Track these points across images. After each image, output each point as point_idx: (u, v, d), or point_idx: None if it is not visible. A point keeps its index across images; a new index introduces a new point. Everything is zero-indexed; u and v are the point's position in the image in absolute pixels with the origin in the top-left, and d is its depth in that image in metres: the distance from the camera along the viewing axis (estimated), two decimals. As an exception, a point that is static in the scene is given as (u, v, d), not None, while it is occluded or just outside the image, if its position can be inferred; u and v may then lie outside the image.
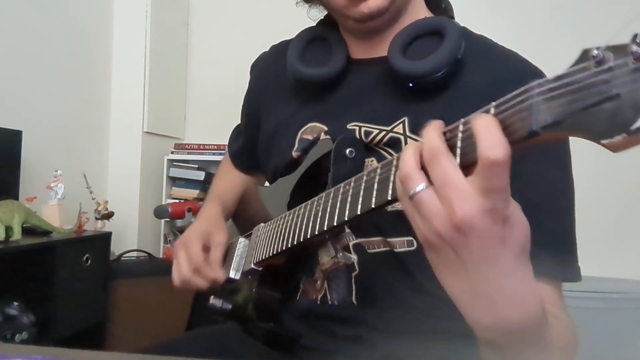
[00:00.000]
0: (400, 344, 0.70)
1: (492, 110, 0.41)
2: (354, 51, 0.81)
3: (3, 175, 1.97)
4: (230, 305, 0.83)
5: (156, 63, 2.78)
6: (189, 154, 2.87)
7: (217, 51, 3.04)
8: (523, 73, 0.71)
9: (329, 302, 0.75)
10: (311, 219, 0.63)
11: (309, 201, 0.65)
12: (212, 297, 0.85)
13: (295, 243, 0.66)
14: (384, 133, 0.73)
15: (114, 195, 2.62)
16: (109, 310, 2.23)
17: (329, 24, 0.84)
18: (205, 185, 2.74)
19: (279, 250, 0.70)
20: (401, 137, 0.71)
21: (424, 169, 0.43)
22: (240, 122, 1.02)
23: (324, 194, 0.62)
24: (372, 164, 0.72)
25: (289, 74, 0.82)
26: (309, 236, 0.63)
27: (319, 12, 0.86)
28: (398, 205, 0.47)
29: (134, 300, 2.28)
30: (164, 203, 2.74)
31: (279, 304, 0.79)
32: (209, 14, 3.09)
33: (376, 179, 0.52)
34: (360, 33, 0.79)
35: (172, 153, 2.90)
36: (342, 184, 0.58)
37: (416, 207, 0.43)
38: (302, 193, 0.71)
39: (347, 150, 0.70)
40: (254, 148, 0.93)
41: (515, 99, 0.40)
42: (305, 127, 0.80)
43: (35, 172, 2.14)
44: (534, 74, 0.71)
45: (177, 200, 2.71)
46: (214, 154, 2.80)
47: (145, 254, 2.53)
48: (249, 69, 0.97)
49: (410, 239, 0.70)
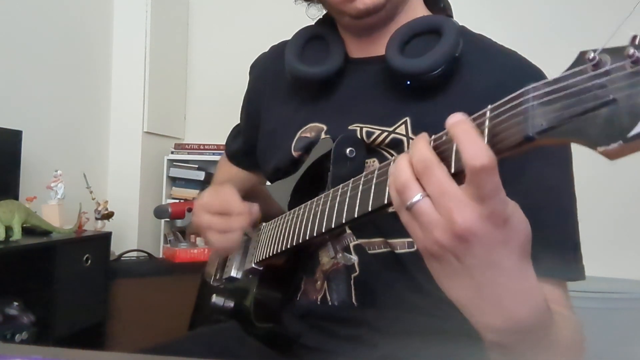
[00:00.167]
0: (400, 344, 0.70)
1: (488, 113, 0.41)
2: (352, 50, 0.81)
3: (3, 175, 1.96)
4: (232, 304, 0.83)
5: (156, 63, 2.78)
6: (189, 154, 2.87)
7: (217, 51, 3.04)
8: (525, 74, 0.70)
9: (329, 303, 0.75)
10: (310, 219, 0.63)
11: (309, 202, 0.65)
12: (215, 296, 0.85)
13: (294, 244, 0.66)
14: (386, 134, 0.72)
15: (114, 195, 2.62)
16: (109, 310, 2.23)
17: (328, 23, 0.84)
18: (205, 185, 2.73)
19: (279, 251, 0.70)
20: (404, 138, 0.71)
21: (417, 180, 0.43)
22: (239, 122, 1.02)
23: (323, 195, 0.62)
24: (374, 164, 0.72)
25: (287, 72, 0.81)
26: (307, 237, 0.63)
27: (317, 11, 0.86)
28: None
29: (134, 300, 2.28)
30: (164, 203, 2.74)
31: (279, 303, 0.79)
32: (209, 14, 3.09)
33: (373, 181, 0.52)
34: (358, 30, 0.79)
35: (172, 153, 2.90)
36: (341, 186, 0.58)
37: (415, 218, 0.43)
38: (303, 193, 0.71)
39: (348, 150, 0.70)
40: (253, 148, 0.92)
41: (511, 103, 0.39)
42: (304, 127, 0.80)
43: (35, 172, 2.14)
44: (535, 75, 0.71)
45: (177, 200, 2.71)
46: (214, 154, 2.80)
47: (145, 254, 2.53)
48: (249, 70, 0.97)
49: (411, 240, 0.70)
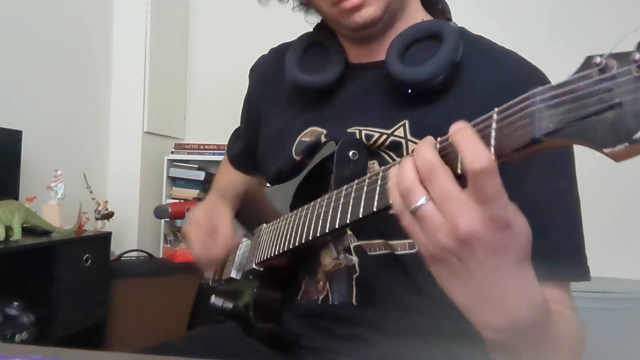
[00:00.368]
0: (400, 344, 0.70)
1: (495, 116, 0.42)
2: (352, 56, 0.81)
3: (3, 175, 1.96)
4: (231, 305, 0.83)
5: (156, 63, 2.78)
6: (189, 154, 2.87)
7: (217, 51, 3.04)
8: (525, 75, 0.71)
9: (330, 302, 0.75)
10: (312, 221, 0.63)
11: (311, 203, 0.65)
12: (214, 296, 0.85)
13: (296, 245, 0.66)
14: (385, 137, 0.72)
15: (114, 195, 2.62)
16: (109, 310, 2.23)
17: (327, 28, 0.84)
18: (205, 185, 2.74)
19: (280, 252, 0.70)
20: (402, 141, 0.71)
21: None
22: (239, 126, 1.02)
23: (326, 196, 0.62)
24: (374, 166, 0.72)
25: (288, 81, 0.82)
26: (310, 238, 0.63)
27: (316, 17, 0.85)
28: None
29: (134, 300, 2.28)
30: (164, 203, 2.74)
31: (279, 304, 0.79)
32: (209, 14, 3.09)
33: (378, 182, 0.52)
34: (357, 39, 0.79)
35: (172, 153, 2.90)
36: (344, 187, 0.58)
37: (418, 222, 0.44)
38: (305, 195, 0.71)
39: (350, 153, 0.70)
40: (253, 151, 0.92)
41: (518, 106, 0.40)
42: (304, 132, 0.80)
43: (35, 172, 2.14)
44: (535, 76, 0.71)
45: (177, 200, 2.71)
46: (214, 154, 2.80)
47: (145, 254, 2.53)
48: (249, 72, 0.97)
49: (411, 241, 0.70)
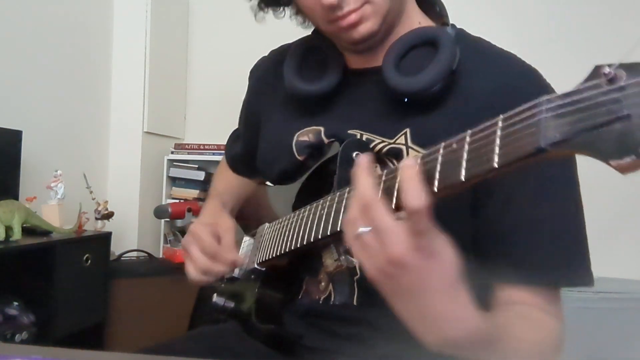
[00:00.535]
0: (400, 345, 0.70)
1: (500, 123, 0.42)
2: (350, 61, 0.80)
3: (3, 175, 1.96)
4: (232, 304, 0.83)
5: (156, 63, 2.78)
6: (189, 154, 2.87)
7: (217, 51, 3.04)
8: (523, 77, 0.70)
9: (331, 302, 0.75)
10: (315, 222, 0.63)
11: (314, 203, 0.65)
12: (215, 296, 0.85)
13: (298, 246, 0.66)
14: (385, 143, 0.72)
15: (114, 195, 2.62)
16: (109, 310, 2.23)
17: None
18: (205, 185, 2.74)
19: (282, 252, 0.70)
20: (403, 148, 0.71)
21: None
22: (238, 127, 1.02)
23: (328, 197, 0.62)
24: (375, 170, 0.72)
25: (287, 89, 0.81)
26: (312, 240, 0.63)
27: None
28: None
29: (134, 300, 2.28)
30: (164, 203, 2.74)
31: (280, 304, 0.79)
32: (209, 14, 3.09)
33: (381, 186, 0.52)
34: (355, 50, 0.79)
35: (172, 153, 2.90)
36: (347, 189, 0.58)
37: (362, 247, 0.50)
38: (307, 195, 0.71)
39: (354, 154, 0.70)
40: (252, 153, 0.92)
41: (524, 114, 0.39)
42: (302, 130, 0.80)
43: (35, 172, 2.14)
44: (533, 78, 0.71)
45: (177, 200, 2.71)
46: (214, 154, 2.80)
47: (145, 254, 2.53)
48: (248, 74, 0.96)
49: None
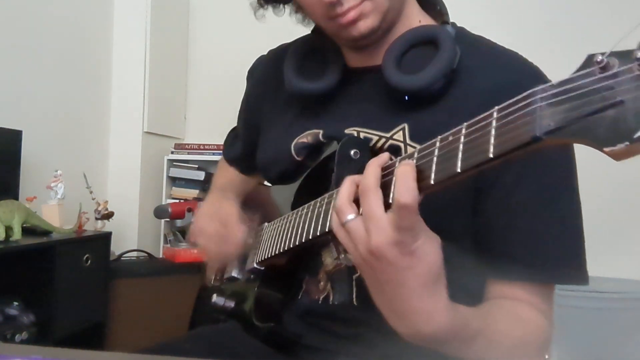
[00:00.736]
0: (400, 345, 0.70)
1: (495, 114, 0.42)
2: (350, 60, 0.80)
3: (3, 175, 1.96)
4: (232, 304, 0.83)
5: (156, 63, 2.78)
6: (189, 154, 2.87)
7: (217, 51, 3.04)
8: (523, 73, 0.70)
9: (330, 301, 0.75)
10: (313, 220, 0.63)
11: (311, 202, 0.65)
12: (215, 295, 0.85)
13: (296, 244, 0.66)
14: (383, 140, 0.72)
15: (114, 195, 2.62)
16: (109, 310, 2.23)
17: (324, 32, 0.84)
18: (205, 185, 2.74)
19: (281, 251, 0.70)
20: (401, 145, 0.70)
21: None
22: (236, 126, 1.02)
23: (326, 195, 0.62)
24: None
25: (286, 88, 0.81)
26: (310, 238, 0.63)
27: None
28: None
29: (134, 300, 2.28)
30: (164, 203, 2.74)
31: (280, 304, 0.79)
32: (209, 14, 3.09)
33: (380, 179, 0.52)
34: (355, 47, 0.79)
35: (172, 153, 2.90)
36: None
37: (348, 234, 0.52)
38: (306, 194, 0.71)
39: (352, 152, 0.69)
40: (252, 152, 0.92)
41: (519, 104, 0.40)
42: (302, 134, 0.80)
43: (35, 172, 2.14)
44: (534, 76, 0.71)
45: (177, 200, 2.71)
46: (214, 154, 2.80)
47: (145, 254, 2.53)
48: (247, 74, 0.96)
49: None
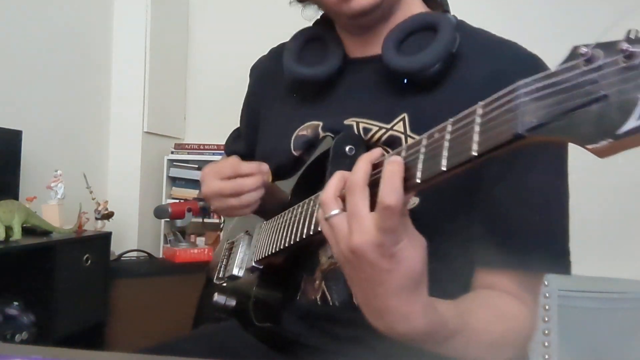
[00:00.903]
0: (399, 346, 0.70)
1: (479, 110, 0.41)
2: (350, 50, 0.80)
3: (3, 175, 1.96)
4: (233, 303, 0.83)
5: (156, 63, 2.78)
6: (189, 154, 2.87)
7: (217, 51, 3.04)
8: (523, 62, 0.69)
9: (330, 303, 0.75)
10: (307, 219, 0.62)
11: (305, 200, 0.65)
12: (216, 294, 0.85)
13: (291, 242, 0.65)
14: (383, 131, 0.72)
15: (114, 195, 2.62)
16: (109, 310, 2.23)
17: (325, 24, 0.84)
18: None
19: (277, 249, 0.70)
20: (402, 136, 0.70)
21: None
22: (239, 126, 1.02)
23: (319, 193, 0.62)
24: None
25: (286, 73, 0.81)
26: (304, 236, 0.62)
27: (314, 12, 0.85)
28: None
29: (134, 300, 2.28)
30: (164, 203, 2.74)
31: (279, 302, 0.78)
32: (209, 14, 3.09)
33: (370, 177, 0.51)
34: (355, 29, 0.79)
35: (172, 153, 2.90)
36: None
37: (331, 228, 0.51)
38: (302, 191, 0.70)
39: (347, 148, 0.69)
40: (253, 151, 0.92)
41: (502, 99, 0.39)
42: (302, 126, 0.79)
43: (35, 172, 2.14)
44: (534, 63, 0.70)
45: (177, 200, 2.71)
46: (214, 154, 2.80)
47: (145, 254, 2.53)
48: (249, 73, 0.97)
49: None
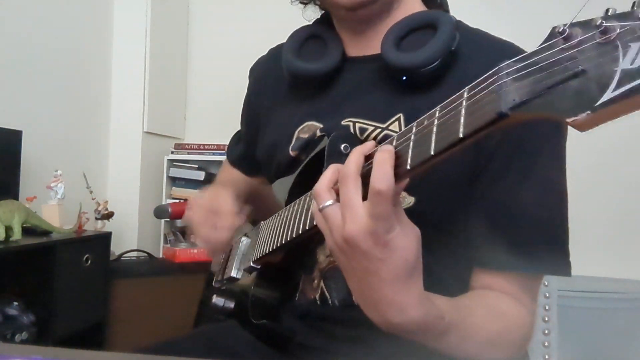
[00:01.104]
0: (398, 345, 0.70)
1: (465, 94, 0.42)
2: (349, 49, 0.80)
3: (3, 175, 1.96)
4: (232, 304, 0.83)
5: (156, 63, 2.78)
6: (189, 154, 2.87)
7: (217, 51, 3.04)
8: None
9: (329, 302, 0.75)
10: (303, 215, 0.62)
11: (301, 197, 0.65)
12: (215, 296, 0.85)
13: (288, 240, 0.65)
14: (379, 130, 0.72)
15: (114, 195, 2.62)
16: (109, 310, 2.23)
17: (325, 22, 0.84)
18: (205, 185, 2.74)
19: (274, 248, 0.69)
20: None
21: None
22: (240, 128, 1.02)
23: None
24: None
25: (284, 69, 0.81)
26: (300, 232, 0.62)
27: (313, 13, 0.86)
28: None
29: (134, 300, 2.28)
30: (164, 203, 2.74)
31: (277, 302, 0.78)
32: (209, 14, 3.09)
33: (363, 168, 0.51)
34: (354, 25, 0.78)
35: (172, 153, 2.90)
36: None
37: (325, 219, 0.51)
38: (299, 190, 0.70)
39: (342, 146, 0.69)
40: (254, 152, 0.92)
41: (486, 81, 0.40)
42: (301, 127, 0.80)
43: (35, 172, 2.14)
44: None
45: (177, 200, 2.71)
46: (214, 154, 2.80)
47: (145, 254, 2.53)
48: (248, 73, 0.97)
49: None
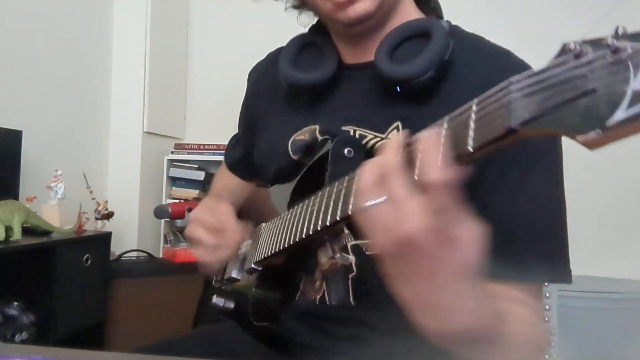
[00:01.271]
0: (398, 344, 0.70)
1: (474, 107, 0.42)
2: (345, 56, 0.81)
3: (3, 175, 1.96)
4: (232, 305, 0.83)
5: (156, 63, 2.78)
6: (189, 154, 2.87)
7: (217, 51, 3.04)
8: (509, 69, 0.70)
9: (328, 303, 0.75)
10: (306, 219, 0.62)
11: (305, 201, 0.65)
12: (215, 296, 0.85)
13: (291, 243, 0.65)
14: (378, 139, 0.72)
15: (114, 195, 2.62)
16: (109, 310, 2.23)
17: (321, 29, 0.84)
18: (205, 185, 2.75)
19: (276, 251, 0.70)
20: None
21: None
22: (237, 132, 1.02)
23: (319, 192, 0.62)
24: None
25: (281, 79, 0.82)
26: (303, 236, 0.62)
27: (309, 19, 0.86)
28: None
29: (133, 300, 2.28)
30: (164, 203, 2.74)
31: (278, 303, 0.78)
32: (209, 14, 3.09)
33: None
34: (350, 37, 0.79)
35: (172, 153, 2.90)
36: (336, 184, 0.57)
37: (373, 219, 0.45)
38: (302, 193, 0.71)
39: (346, 150, 0.69)
40: (252, 156, 0.92)
41: (495, 95, 0.40)
42: (299, 131, 0.80)
43: (35, 172, 2.14)
44: (519, 69, 0.70)
45: (177, 200, 2.71)
46: (214, 154, 2.80)
47: (145, 254, 2.53)
48: (247, 77, 0.97)
49: None
